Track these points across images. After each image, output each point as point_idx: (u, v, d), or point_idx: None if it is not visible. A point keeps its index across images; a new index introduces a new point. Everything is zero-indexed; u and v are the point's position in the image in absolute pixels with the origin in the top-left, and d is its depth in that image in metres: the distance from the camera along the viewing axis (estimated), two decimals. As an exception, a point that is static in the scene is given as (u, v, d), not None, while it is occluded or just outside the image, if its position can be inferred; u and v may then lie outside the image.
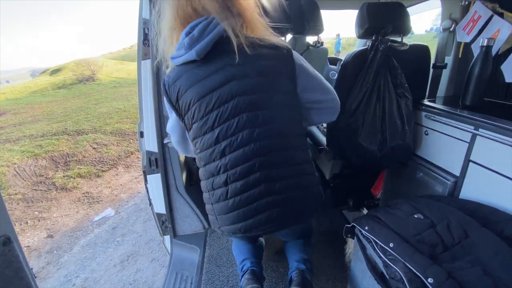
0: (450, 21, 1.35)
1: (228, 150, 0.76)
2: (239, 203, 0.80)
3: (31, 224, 2.70)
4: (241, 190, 0.79)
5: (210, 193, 0.83)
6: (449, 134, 1.05)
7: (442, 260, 0.70)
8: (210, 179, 0.82)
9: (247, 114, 0.74)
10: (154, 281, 1.84)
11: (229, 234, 0.86)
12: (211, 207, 0.86)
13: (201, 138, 0.78)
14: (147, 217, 2.63)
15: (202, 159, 0.81)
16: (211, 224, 0.91)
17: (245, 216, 0.81)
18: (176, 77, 0.76)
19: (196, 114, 0.76)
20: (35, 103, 8.71)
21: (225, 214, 0.82)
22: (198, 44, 0.71)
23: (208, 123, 0.75)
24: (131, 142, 4.60)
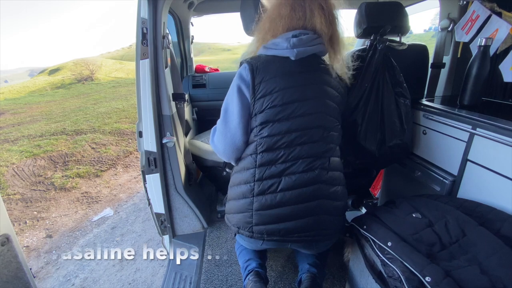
0: (449, 21, 1.36)
1: (296, 142, 0.81)
2: (289, 199, 0.80)
3: (30, 224, 2.69)
4: (293, 186, 0.80)
5: (257, 183, 0.82)
6: (447, 133, 1.05)
7: (440, 258, 0.70)
8: (263, 168, 0.81)
9: (319, 115, 0.83)
10: (153, 281, 1.84)
11: (261, 236, 0.83)
12: (250, 200, 0.83)
13: (273, 123, 0.81)
14: (146, 217, 2.62)
15: (264, 145, 0.82)
16: (235, 224, 0.87)
17: (291, 216, 0.80)
18: (267, 64, 0.82)
19: (278, 100, 0.80)
20: (34, 103, 8.68)
21: (268, 209, 0.81)
22: (301, 48, 0.80)
23: (285, 112, 0.81)
24: (130, 142, 4.59)
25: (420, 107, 1.19)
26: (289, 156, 0.81)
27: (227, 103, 0.87)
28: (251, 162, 0.84)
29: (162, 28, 1.20)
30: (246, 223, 0.84)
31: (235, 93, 0.84)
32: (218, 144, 0.90)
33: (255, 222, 0.82)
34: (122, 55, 24.78)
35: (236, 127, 0.85)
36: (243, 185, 0.85)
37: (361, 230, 0.89)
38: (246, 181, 0.84)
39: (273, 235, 0.82)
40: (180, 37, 2.20)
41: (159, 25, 1.18)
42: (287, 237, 0.82)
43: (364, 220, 0.91)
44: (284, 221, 0.81)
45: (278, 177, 0.81)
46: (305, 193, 0.81)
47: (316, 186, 0.82)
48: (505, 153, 0.83)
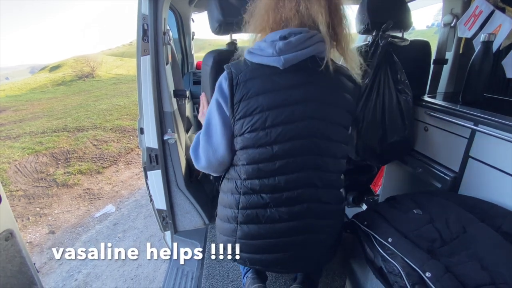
0: (451, 16, 1.34)
1: (281, 171, 0.70)
2: (274, 232, 0.73)
3: (32, 220, 2.71)
4: (280, 219, 0.72)
5: (241, 211, 0.74)
6: (449, 130, 1.05)
7: (440, 254, 0.70)
8: (248, 196, 0.73)
9: (312, 139, 0.70)
10: (155, 276, 1.86)
11: (244, 262, 0.79)
12: (234, 227, 0.76)
13: (254, 149, 0.71)
14: (147, 213, 2.64)
15: (245, 172, 0.72)
16: (223, 245, 0.82)
17: (275, 248, 0.75)
18: (250, 76, 0.69)
19: (259, 123, 0.69)
20: (35, 100, 8.69)
21: (251, 240, 0.75)
22: (290, 54, 0.66)
23: (268, 136, 0.69)
24: (131, 139, 4.61)
25: (421, 103, 1.19)
26: (273, 187, 0.71)
27: (209, 116, 0.76)
28: (235, 187, 0.75)
29: (162, 24, 1.20)
30: (231, 248, 0.79)
31: (215, 106, 0.74)
32: (202, 158, 0.79)
33: (239, 250, 0.77)
34: (123, 52, 24.73)
35: (219, 143, 0.75)
36: (228, 209, 0.78)
37: (361, 226, 0.89)
38: (230, 206, 0.77)
39: (255, 264, 0.78)
40: (181, 33, 2.20)
41: (160, 21, 1.17)
42: (270, 268, 0.79)
43: (365, 216, 0.91)
44: (267, 252, 0.75)
45: (263, 208, 0.72)
46: (292, 227, 0.73)
47: (304, 221, 0.74)
48: (507, 149, 0.82)
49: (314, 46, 0.67)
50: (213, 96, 0.75)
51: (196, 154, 0.80)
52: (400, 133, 1.14)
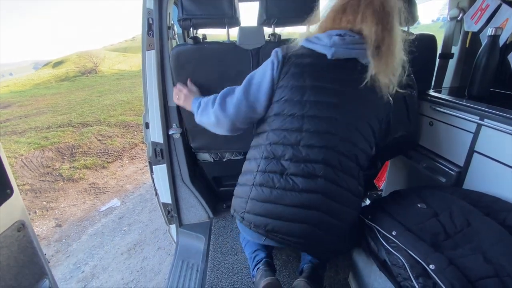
0: (458, 10, 1.33)
1: (306, 144, 0.76)
2: (284, 198, 0.76)
3: (39, 213, 2.76)
4: (294, 188, 0.75)
5: (259, 174, 0.80)
6: (454, 124, 1.05)
7: (444, 247, 0.71)
8: (268, 160, 0.79)
9: (340, 125, 0.78)
10: (161, 269, 1.89)
11: (249, 225, 0.81)
12: (249, 188, 0.81)
13: (287, 117, 0.78)
14: (152, 207, 2.67)
15: (272, 137, 0.80)
16: (233, 207, 0.87)
17: (281, 216, 0.76)
18: (301, 56, 0.81)
19: (299, 94, 0.78)
20: (39, 95, 8.75)
21: (262, 202, 0.78)
22: (340, 49, 0.76)
23: (303, 109, 0.77)
24: (135, 134, 4.63)
25: (427, 98, 1.18)
26: (295, 156, 0.76)
27: (254, 76, 0.86)
28: (258, 153, 0.82)
29: (167, 19, 1.20)
30: (241, 208, 0.83)
31: (263, 70, 0.84)
32: (230, 108, 0.87)
33: (247, 210, 0.81)
34: (125, 47, 24.70)
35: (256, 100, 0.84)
36: (248, 174, 0.84)
37: (365, 220, 0.90)
38: (251, 170, 0.83)
39: (259, 228, 0.79)
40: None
41: (165, 16, 1.17)
42: (271, 234, 0.78)
43: (369, 210, 0.92)
44: (274, 218, 0.77)
45: (280, 174, 0.77)
46: (302, 199, 0.75)
47: (316, 195, 0.76)
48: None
49: (359, 50, 0.77)
50: (264, 64, 0.84)
51: (224, 102, 0.89)
52: (405, 128, 1.13)
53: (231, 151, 1.44)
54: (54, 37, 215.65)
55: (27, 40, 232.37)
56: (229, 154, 1.46)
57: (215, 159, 1.48)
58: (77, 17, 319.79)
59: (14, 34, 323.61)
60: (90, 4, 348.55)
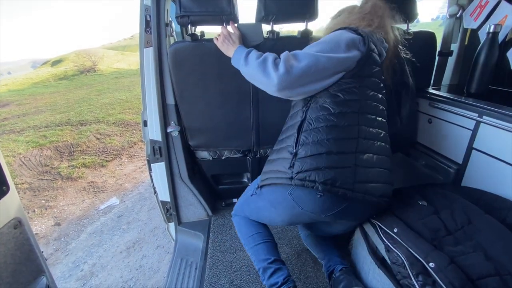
0: (457, 7, 1.32)
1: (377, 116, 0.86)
2: (381, 162, 0.84)
3: (38, 212, 2.75)
4: (381, 152, 0.85)
5: (361, 140, 0.82)
6: (453, 122, 1.04)
7: (445, 243, 0.71)
8: (365, 128, 0.83)
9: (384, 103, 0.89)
10: (160, 267, 1.89)
11: (362, 196, 0.79)
12: (352, 156, 0.80)
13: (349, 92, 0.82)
14: (151, 206, 2.67)
15: (364, 106, 0.84)
16: (328, 180, 0.78)
17: (380, 179, 0.82)
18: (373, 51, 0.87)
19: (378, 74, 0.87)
20: (38, 94, 8.72)
21: (370, 168, 0.81)
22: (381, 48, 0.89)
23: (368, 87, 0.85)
24: (134, 133, 4.62)
25: (426, 95, 1.18)
26: (377, 125, 0.86)
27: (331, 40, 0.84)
28: (352, 120, 0.82)
29: (165, 15, 1.19)
30: (348, 179, 0.79)
31: (343, 37, 0.84)
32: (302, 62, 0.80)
33: (359, 179, 0.80)
34: (124, 45, 24.62)
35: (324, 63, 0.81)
36: (344, 140, 0.82)
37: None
38: (346, 137, 0.82)
39: (374, 195, 0.81)
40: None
41: (162, 13, 1.16)
42: (378, 200, 0.82)
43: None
44: (380, 182, 0.83)
45: (376, 140, 0.85)
46: (385, 161, 0.85)
47: (387, 158, 0.87)
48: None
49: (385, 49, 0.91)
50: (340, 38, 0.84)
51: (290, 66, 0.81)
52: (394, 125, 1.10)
53: (230, 149, 1.43)
54: (52, 35, 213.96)
55: (26, 39, 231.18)
56: (228, 152, 1.45)
57: (213, 157, 1.47)
58: (75, 16, 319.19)
59: (12, 33, 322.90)
60: (89, 2, 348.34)
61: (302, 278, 1.16)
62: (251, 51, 0.93)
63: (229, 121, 1.30)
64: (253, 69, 0.87)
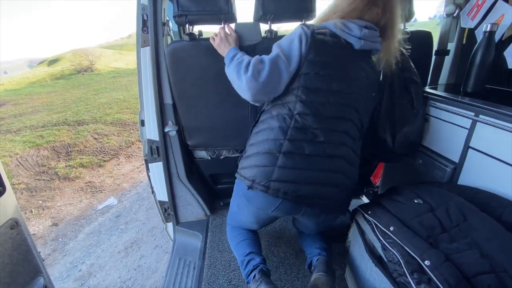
0: (454, 6, 1.33)
1: (331, 115, 0.84)
2: (314, 164, 0.83)
3: (35, 212, 2.74)
4: (324, 154, 0.83)
5: (287, 141, 0.83)
6: (449, 121, 1.05)
7: (440, 241, 0.71)
8: (296, 129, 0.83)
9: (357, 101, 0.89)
10: (158, 267, 1.89)
11: (276, 192, 0.82)
12: (275, 156, 0.83)
13: (314, 91, 0.84)
14: (149, 206, 2.66)
15: (298, 107, 0.84)
16: (251, 177, 0.86)
17: (312, 181, 0.83)
18: (329, 38, 0.85)
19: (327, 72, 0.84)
20: (34, 94, 8.65)
21: (292, 168, 0.82)
22: (368, 42, 0.85)
23: (329, 84, 0.84)
24: (131, 132, 4.60)
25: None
26: (323, 125, 0.83)
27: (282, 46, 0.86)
28: (284, 122, 0.85)
29: (162, 14, 1.19)
30: (265, 177, 0.83)
31: (293, 43, 0.85)
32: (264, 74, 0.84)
33: (275, 178, 0.82)
34: (121, 45, 24.49)
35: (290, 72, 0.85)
36: (270, 141, 0.85)
37: (365, 215, 0.90)
38: (275, 138, 0.84)
39: (287, 194, 0.82)
40: (181, 25, 2.17)
41: (159, 12, 1.16)
42: (299, 200, 0.83)
43: (369, 206, 0.93)
44: (304, 183, 0.82)
45: (310, 142, 0.83)
46: (331, 164, 0.84)
47: (340, 160, 0.86)
48: (508, 139, 0.83)
49: (377, 43, 0.88)
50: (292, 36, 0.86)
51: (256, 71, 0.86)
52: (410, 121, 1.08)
53: (228, 149, 1.43)
54: (49, 34, 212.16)
55: (22, 38, 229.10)
56: (226, 151, 1.45)
57: (212, 156, 1.47)
58: (72, 15, 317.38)
59: (9, 32, 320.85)
60: (89, 3, 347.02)
61: (300, 277, 1.17)
62: (237, 53, 0.95)
63: (227, 120, 1.30)
64: (230, 70, 0.92)
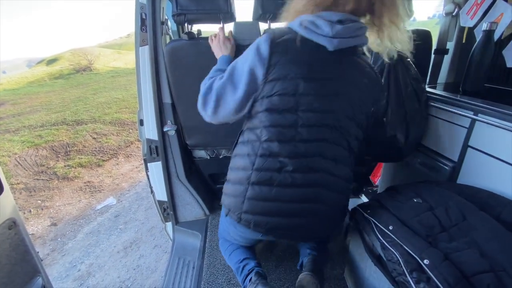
0: (453, 5, 1.32)
1: (301, 138, 0.73)
2: (284, 195, 0.74)
3: (34, 212, 2.73)
4: (293, 184, 0.74)
5: (255, 172, 0.76)
6: (448, 120, 1.05)
7: (439, 239, 0.71)
8: (264, 158, 0.75)
9: (335, 115, 0.75)
10: (157, 266, 1.89)
11: (248, 224, 0.78)
12: (245, 187, 0.77)
13: (280, 113, 0.73)
14: (148, 205, 2.66)
15: (266, 134, 0.75)
16: (227, 207, 0.83)
17: (283, 213, 0.76)
18: (292, 44, 0.72)
19: (291, 88, 0.71)
20: (33, 93, 8.62)
21: (261, 201, 0.76)
22: (343, 39, 0.69)
23: (298, 104, 0.72)
24: (130, 132, 4.60)
25: (422, 93, 1.18)
26: (292, 152, 0.73)
27: (236, 67, 0.78)
28: (252, 149, 0.77)
29: (161, 13, 1.19)
30: (237, 208, 0.79)
31: (246, 64, 0.75)
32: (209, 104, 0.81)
33: (245, 209, 0.77)
34: (120, 44, 24.42)
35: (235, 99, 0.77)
36: (241, 171, 0.80)
37: (364, 214, 0.90)
38: (244, 168, 0.79)
39: (259, 227, 0.77)
40: (179, 24, 2.17)
41: (158, 11, 1.16)
42: (273, 232, 0.78)
43: (369, 205, 0.92)
44: (274, 216, 0.76)
45: (277, 172, 0.74)
46: (303, 194, 0.75)
47: (316, 189, 0.76)
48: (507, 138, 0.83)
49: (361, 36, 0.72)
50: (246, 53, 0.77)
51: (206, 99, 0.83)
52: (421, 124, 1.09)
53: (227, 148, 1.43)
54: (48, 34, 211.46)
55: (21, 38, 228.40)
56: (225, 151, 1.45)
57: (211, 156, 1.47)
58: (71, 14, 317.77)
59: (7, 32, 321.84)
60: (89, 3, 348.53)
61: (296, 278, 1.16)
62: (221, 68, 0.93)
63: None
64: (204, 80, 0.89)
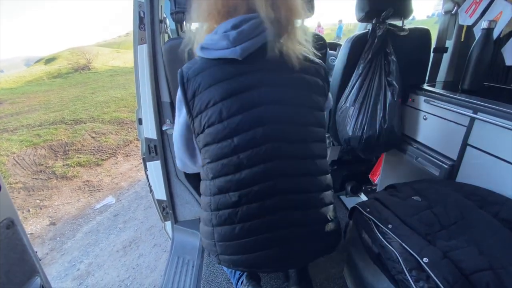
0: (452, 4, 1.32)
1: (245, 164, 0.65)
2: (248, 231, 0.68)
3: (33, 212, 2.72)
4: (253, 215, 0.67)
5: (214, 213, 0.71)
6: (448, 118, 1.05)
7: (438, 237, 0.71)
8: (217, 197, 0.69)
9: (274, 125, 0.66)
10: (157, 265, 1.89)
11: (229, 265, 0.73)
12: (211, 229, 0.72)
13: (215, 145, 0.67)
14: (147, 205, 2.66)
15: (211, 171, 0.69)
16: (206, 249, 0.78)
17: (254, 248, 0.69)
18: (200, 70, 0.66)
19: (215, 116, 0.64)
20: (31, 92, 8.58)
21: (228, 241, 0.70)
22: (246, 43, 0.62)
23: (227, 128, 0.65)
24: (129, 131, 4.58)
25: (421, 92, 1.18)
26: (239, 182, 0.66)
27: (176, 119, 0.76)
28: (206, 189, 0.73)
29: (159, 12, 1.18)
30: (213, 251, 0.75)
31: (177, 105, 0.73)
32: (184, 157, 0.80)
33: (219, 252, 0.73)
34: (119, 43, 24.32)
35: (184, 151, 0.77)
36: (204, 212, 0.76)
37: (363, 213, 0.90)
38: (205, 208, 0.74)
39: (239, 266, 0.71)
40: (178, 22, 2.16)
41: (156, 9, 1.15)
42: (256, 268, 0.72)
43: (368, 204, 0.92)
44: (248, 252, 0.70)
45: (234, 207, 0.67)
46: (268, 222, 0.68)
47: (281, 213, 0.68)
48: (506, 137, 0.83)
49: (265, 32, 0.64)
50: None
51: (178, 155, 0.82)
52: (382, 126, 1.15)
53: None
54: (46, 33, 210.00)
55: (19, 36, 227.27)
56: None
57: None
58: (69, 13, 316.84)
59: (5, 30, 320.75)
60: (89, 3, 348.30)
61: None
62: None
63: None
64: None
